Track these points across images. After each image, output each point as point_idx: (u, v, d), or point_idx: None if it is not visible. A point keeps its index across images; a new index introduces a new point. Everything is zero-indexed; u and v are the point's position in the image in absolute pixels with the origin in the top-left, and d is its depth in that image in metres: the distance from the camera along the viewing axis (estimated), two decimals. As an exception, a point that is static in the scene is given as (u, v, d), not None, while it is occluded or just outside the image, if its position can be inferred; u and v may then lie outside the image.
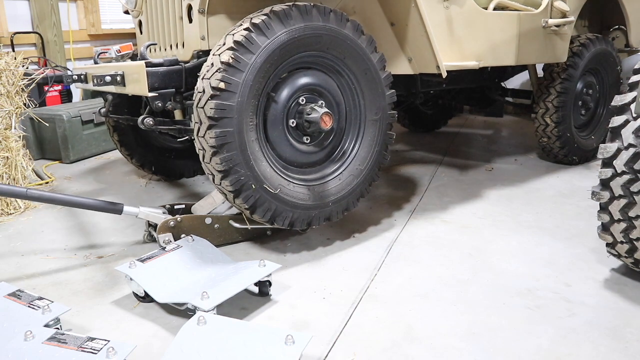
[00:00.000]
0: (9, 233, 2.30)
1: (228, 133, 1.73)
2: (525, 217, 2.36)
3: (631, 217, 1.54)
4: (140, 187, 2.95)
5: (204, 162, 1.83)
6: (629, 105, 1.55)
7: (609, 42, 3.19)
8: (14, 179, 2.66)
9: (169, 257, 1.75)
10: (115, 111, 2.67)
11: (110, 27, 5.18)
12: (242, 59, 1.73)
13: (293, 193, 1.92)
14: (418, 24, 2.14)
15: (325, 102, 1.99)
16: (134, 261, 1.67)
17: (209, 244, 1.89)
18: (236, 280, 1.59)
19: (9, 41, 4.21)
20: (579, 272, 1.81)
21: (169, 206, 2.10)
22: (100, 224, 2.35)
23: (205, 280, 1.65)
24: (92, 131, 3.69)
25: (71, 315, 1.55)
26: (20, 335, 1.25)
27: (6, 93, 2.65)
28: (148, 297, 1.62)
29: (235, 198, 1.82)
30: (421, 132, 4.35)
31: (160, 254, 1.75)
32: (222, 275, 1.65)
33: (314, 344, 1.39)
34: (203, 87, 1.75)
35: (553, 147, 3.15)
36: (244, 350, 1.20)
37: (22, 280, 1.83)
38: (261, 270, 1.64)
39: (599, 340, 1.42)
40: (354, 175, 2.08)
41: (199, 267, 1.74)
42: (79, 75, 2.38)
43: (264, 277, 1.63)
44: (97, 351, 1.18)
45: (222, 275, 1.66)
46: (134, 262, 1.67)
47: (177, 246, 1.82)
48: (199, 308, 1.43)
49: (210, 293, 1.47)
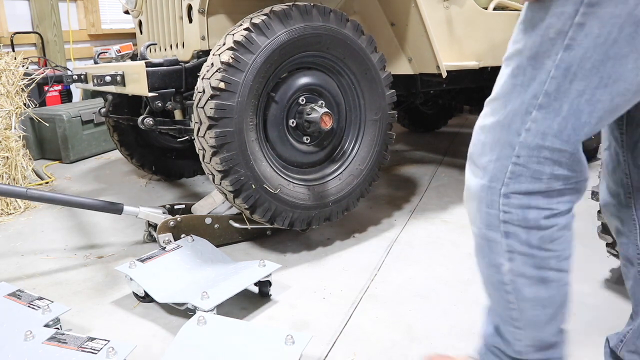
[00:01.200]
0: (9, 233, 2.30)
1: (228, 133, 1.73)
2: (525, 217, 2.36)
3: (631, 217, 1.54)
4: (140, 187, 2.95)
5: (204, 162, 1.83)
6: (629, 105, 1.54)
7: (609, 42, 3.18)
8: (14, 179, 2.66)
9: (169, 257, 1.75)
10: (115, 111, 2.67)
11: (110, 27, 5.18)
12: (242, 59, 1.73)
13: (293, 193, 1.92)
14: (418, 24, 2.14)
15: (325, 102, 1.99)
16: (134, 261, 1.67)
17: (208, 244, 1.89)
18: (236, 280, 1.59)
19: (9, 41, 4.21)
20: (579, 272, 1.81)
21: (169, 206, 2.10)
22: (100, 224, 2.35)
23: (205, 280, 1.65)
24: (92, 131, 3.69)
25: (71, 315, 1.55)
26: (20, 335, 1.25)
27: (6, 93, 2.65)
28: (148, 297, 1.62)
29: (235, 198, 1.82)
30: (421, 132, 4.35)
31: (160, 254, 1.75)
32: (222, 275, 1.65)
33: (314, 344, 1.39)
34: (203, 87, 1.75)
35: (553, 147, 3.14)
36: (244, 350, 1.20)
37: (22, 280, 1.83)
38: (261, 270, 1.64)
39: (599, 340, 1.42)
40: (354, 175, 2.08)
41: (199, 267, 1.74)
42: (79, 75, 2.38)
43: (264, 277, 1.63)
44: (97, 351, 1.18)
45: (222, 275, 1.66)
46: (134, 262, 1.67)
47: (177, 246, 1.82)
48: (198, 308, 1.43)
49: (210, 293, 1.47)
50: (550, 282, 0.92)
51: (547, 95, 0.82)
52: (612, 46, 0.75)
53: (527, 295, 0.93)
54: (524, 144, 0.85)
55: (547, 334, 0.97)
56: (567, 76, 0.79)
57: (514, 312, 0.96)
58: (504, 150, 0.87)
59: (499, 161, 0.88)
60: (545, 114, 0.83)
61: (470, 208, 0.97)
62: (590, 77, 0.78)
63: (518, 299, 0.94)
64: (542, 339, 0.97)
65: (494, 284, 0.97)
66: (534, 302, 0.94)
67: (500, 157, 0.88)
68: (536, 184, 0.86)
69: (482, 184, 0.91)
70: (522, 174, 0.86)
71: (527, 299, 0.93)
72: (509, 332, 0.99)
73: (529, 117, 0.84)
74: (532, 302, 0.94)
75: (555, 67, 0.80)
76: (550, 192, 0.87)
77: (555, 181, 0.86)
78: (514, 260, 0.91)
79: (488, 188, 0.90)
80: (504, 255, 0.92)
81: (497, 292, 0.97)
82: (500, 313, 0.99)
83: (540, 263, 0.91)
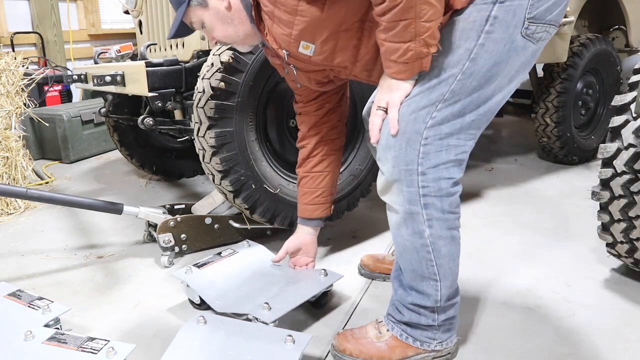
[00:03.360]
0: (9, 233, 2.30)
1: (228, 133, 1.73)
2: (525, 217, 2.36)
3: (631, 217, 1.54)
4: (140, 187, 2.95)
5: (204, 162, 1.83)
6: (629, 105, 1.55)
7: (609, 42, 3.19)
8: (14, 179, 2.66)
9: (226, 262, 1.68)
10: (115, 111, 2.67)
11: (110, 27, 5.18)
12: (242, 59, 1.73)
13: (293, 193, 1.92)
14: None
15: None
16: (190, 267, 1.60)
17: (265, 249, 1.80)
18: (297, 290, 1.52)
19: (9, 41, 4.21)
20: (579, 272, 1.81)
21: (169, 206, 2.10)
22: (100, 224, 2.35)
23: (263, 288, 1.56)
24: (92, 131, 3.69)
25: (71, 315, 1.55)
26: (20, 335, 1.25)
27: (6, 93, 2.65)
28: (204, 305, 1.55)
29: (235, 198, 1.82)
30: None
31: (216, 259, 1.69)
32: (282, 284, 1.58)
33: (314, 344, 1.39)
34: (203, 87, 1.75)
35: (553, 147, 3.14)
36: (244, 350, 1.20)
37: (22, 280, 1.83)
38: (323, 280, 1.56)
39: (599, 340, 1.42)
40: (354, 175, 2.08)
41: (257, 274, 1.65)
42: (79, 75, 2.38)
43: (326, 289, 1.57)
44: (97, 351, 1.18)
45: (281, 284, 1.58)
46: (190, 268, 1.60)
47: (233, 251, 1.75)
48: (260, 319, 1.37)
49: (272, 304, 1.40)
50: (457, 239, 1.22)
51: (451, 92, 1.12)
52: (499, 55, 1.11)
53: (444, 253, 1.21)
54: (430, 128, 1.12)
55: (455, 282, 1.26)
56: (469, 78, 1.11)
57: (434, 268, 1.21)
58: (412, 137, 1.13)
59: (410, 146, 1.13)
60: (448, 105, 1.12)
61: (389, 194, 1.20)
62: (484, 77, 1.12)
63: (437, 257, 1.20)
64: (452, 286, 1.26)
65: (417, 248, 1.20)
66: (449, 257, 1.22)
67: (411, 143, 1.13)
68: (440, 156, 1.13)
69: (399, 169, 1.14)
70: (429, 151, 1.13)
71: (444, 256, 1.21)
72: (430, 286, 1.23)
73: (434, 109, 1.12)
74: (447, 257, 1.21)
75: (461, 73, 1.11)
76: (448, 163, 1.14)
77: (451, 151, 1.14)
78: (433, 226, 1.17)
79: (406, 171, 1.14)
80: (424, 223, 1.17)
81: (418, 255, 1.21)
82: (421, 273, 1.23)
83: (451, 224, 1.20)
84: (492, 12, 1.09)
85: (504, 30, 1.10)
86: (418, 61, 1.09)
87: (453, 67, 1.12)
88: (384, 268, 1.77)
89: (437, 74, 1.13)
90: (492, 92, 1.15)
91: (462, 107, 1.13)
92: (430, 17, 1.03)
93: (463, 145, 1.16)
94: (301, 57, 1.26)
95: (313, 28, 1.16)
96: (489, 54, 1.11)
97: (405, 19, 1.03)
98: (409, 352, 1.29)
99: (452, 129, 1.14)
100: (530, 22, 1.11)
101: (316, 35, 1.18)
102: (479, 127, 1.18)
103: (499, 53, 1.11)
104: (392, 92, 1.16)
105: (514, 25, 1.10)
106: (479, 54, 1.11)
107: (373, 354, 1.29)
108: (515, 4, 1.09)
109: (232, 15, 1.24)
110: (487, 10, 1.10)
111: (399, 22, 1.04)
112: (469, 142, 1.17)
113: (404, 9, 1.01)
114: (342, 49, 1.21)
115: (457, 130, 1.14)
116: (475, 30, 1.10)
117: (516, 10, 1.09)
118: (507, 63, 1.13)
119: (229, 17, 1.24)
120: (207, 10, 1.24)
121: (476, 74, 1.12)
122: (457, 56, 1.11)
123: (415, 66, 1.10)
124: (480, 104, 1.15)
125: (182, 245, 1.95)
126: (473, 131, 1.17)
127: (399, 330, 1.29)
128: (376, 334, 1.32)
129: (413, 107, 1.13)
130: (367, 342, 1.31)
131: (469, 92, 1.13)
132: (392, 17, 1.04)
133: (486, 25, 1.10)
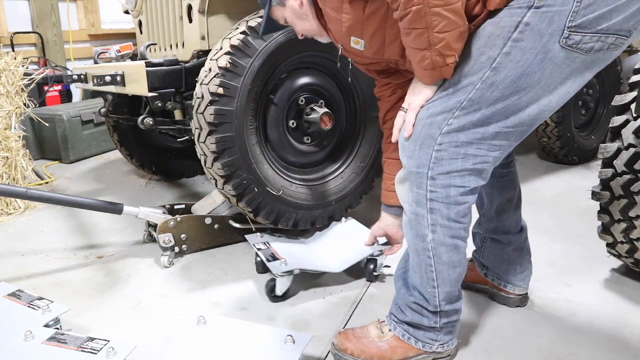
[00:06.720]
0: (9, 233, 2.30)
1: (228, 138, 1.73)
2: (525, 217, 2.36)
3: (631, 217, 1.54)
4: (140, 187, 2.95)
5: (205, 167, 1.82)
6: (629, 105, 1.55)
7: (609, 42, 3.18)
8: (14, 179, 2.66)
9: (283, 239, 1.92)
10: (115, 111, 2.67)
11: (110, 27, 5.18)
12: (240, 63, 1.72)
13: (296, 194, 1.93)
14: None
15: (325, 101, 1.99)
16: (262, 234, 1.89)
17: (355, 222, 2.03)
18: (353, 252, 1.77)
19: (9, 41, 4.21)
20: (579, 272, 1.81)
21: (169, 206, 2.09)
22: (100, 224, 2.35)
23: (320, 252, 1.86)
24: (92, 131, 3.69)
25: (71, 315, 1.55)
26: (20, 335, 1.25)
27: (6, 93, 2.65)
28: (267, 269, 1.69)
29: (239, 201, 1.82)
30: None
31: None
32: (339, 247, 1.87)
33: (314, 344, 1.39)
34: (202, 93, 1.74)
35: (553, 147, 3.14)
36: (244, 350, 1.20)
37: (22, 280, 1.83)
38: (375, 247, 1.76)
39: (599, 340, 1.42)
40: (356, 173, 2.08)
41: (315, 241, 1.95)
42: (79, 75, 2.38)
43: (377, 253, 1.74)
44: (97, 351, 1.18)
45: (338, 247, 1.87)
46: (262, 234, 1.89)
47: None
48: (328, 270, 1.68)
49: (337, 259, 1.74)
50: (460, 248, 1.20)
51: (469, 100, 1.08)
52: (528, 66, 1.04)
53: (444, 260, 1.19)
54: (445, 135, 1.10)
55: (455, 289, 1.25)
56: (490, 88, 1.06)
57: (432, 273, 1.21)
58: (426, 141, 1.11)
59: (423, 150, 1.12)
60: (467, 113, 1.09)
61: (402, 188, 1.20)
62: (508, 87, 1.06)
63: (437, 263, 1.19)
64: (452, 293, 1.24)
65: (419, 251, 1.20)
66: (449, 265, 1.20)
67: (424, 147, 1.12)
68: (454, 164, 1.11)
69: (410, 170, 1.15)
70: (443, 157, 1.11)
71: (444, 263, 1.19)
72: (428, 292, 1.23)
73: (451, 115, 1.09)
74: (447, 264, 1.20)
75: (481, 82, 1.06)
76: (464, 171, 1.12)
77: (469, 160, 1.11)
78: (436, 231, 1.16)
79: (416, 173, 1.14)
80: (428, 228, 1.16)
81: (419, 258, 1.21)
82: (421, 276, 1.23)
83: (455, 233, 1.17)
84: (524, 18, 1.01)
85: (535, 39, 1.01)
86: (437, 69, 1.07)
87: (473, 75, 1.07)
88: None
89: (457, 80, 1.09)
90: (525, 104, 1.07)
91: (483, 117, 1.08)
92: (443, 29, 1.00)
93: (484, 156, 1.11)
94: (354, 52, 1.29)
95: (360, 24, 1.19)
96: (514, 63, 1.03)
97: (416, 28, 1.02)
98: (410, 352, 1.29)
99: (472, 137, 1.09)
100: (572, 30, 1.00)
101: (364, 31, 1.20)
102: (507, 139, 1.11)
103: (528, 64, 1.03)
104: (414, 95, 1.16)
105: (550, 34, 1.00)
106: (503, 63, 1.04)
107: (374, 354, 1.29)
108: (554, 10, 0.99)
109: (305, 12, 1.29)
110: (519, 15, 1.02)
111: (412, 30, 1.03)
112: (492, 153, 1.12)
113: (412, 20, 1.01)
114: (390, 44, 1.21)
115: (477, 139, 1.10)
116: (502, 37, 1.03)
117: (553, 18, 1.00)
118: (541, 75, 1.04)
119: (303, 13, 1.29)
120: (285, 8, 1.31)
121: (498, 84, 1.05)
122: (479, 64, 1.06)
123: (434, 73, 1.09)
124: (509, 115, 1.08)
125: (182, 245, 1.95)
126: (499, 142, 1.11)
127: (401, 331, 1.30)
128: (378, 333, 1.33)
129: (431, 111, 1.12)
130: (369, 342, 1.31)
131: (490, 102, 1.07)
132: (405, 25, 1.04)
133: (514, 33, 1.02)
